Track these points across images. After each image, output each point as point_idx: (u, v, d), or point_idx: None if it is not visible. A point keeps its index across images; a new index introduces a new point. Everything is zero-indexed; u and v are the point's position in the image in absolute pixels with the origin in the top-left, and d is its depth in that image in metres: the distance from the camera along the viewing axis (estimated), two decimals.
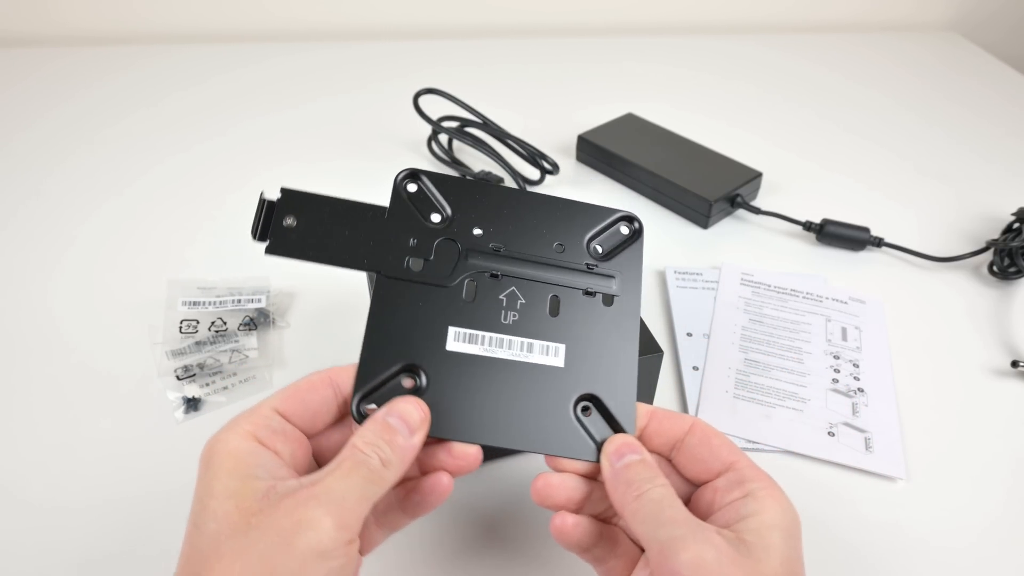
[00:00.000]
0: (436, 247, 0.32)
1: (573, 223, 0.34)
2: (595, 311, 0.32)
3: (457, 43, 0.99)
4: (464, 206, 0.33)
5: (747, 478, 0.29)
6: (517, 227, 0.33)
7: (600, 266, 0.33)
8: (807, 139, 0.78)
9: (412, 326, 0.30)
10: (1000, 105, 0.87)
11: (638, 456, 0.30)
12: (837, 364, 0.49)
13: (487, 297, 0.31)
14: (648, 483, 0.29)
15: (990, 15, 1.12)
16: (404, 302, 0.31)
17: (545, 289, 0.32)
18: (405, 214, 0.32)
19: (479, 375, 0.30)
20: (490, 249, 0.32)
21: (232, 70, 0.90)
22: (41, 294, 0.54)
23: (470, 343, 0.30)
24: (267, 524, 0.25)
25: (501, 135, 0.66)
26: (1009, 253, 0.57)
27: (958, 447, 0.45)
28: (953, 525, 0.40)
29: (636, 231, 0.35)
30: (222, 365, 0.47)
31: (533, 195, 0.34)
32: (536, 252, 0.32)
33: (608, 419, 0.31)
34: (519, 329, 0.31)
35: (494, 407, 0.29)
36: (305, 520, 0.25)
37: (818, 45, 1.02)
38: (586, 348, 0.31)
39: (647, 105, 0.79)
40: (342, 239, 0.31)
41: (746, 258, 0.59)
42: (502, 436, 0.29)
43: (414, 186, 0.33)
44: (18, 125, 0.77)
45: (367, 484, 0.26)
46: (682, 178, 0.64)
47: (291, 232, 0.31)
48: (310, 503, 0.25)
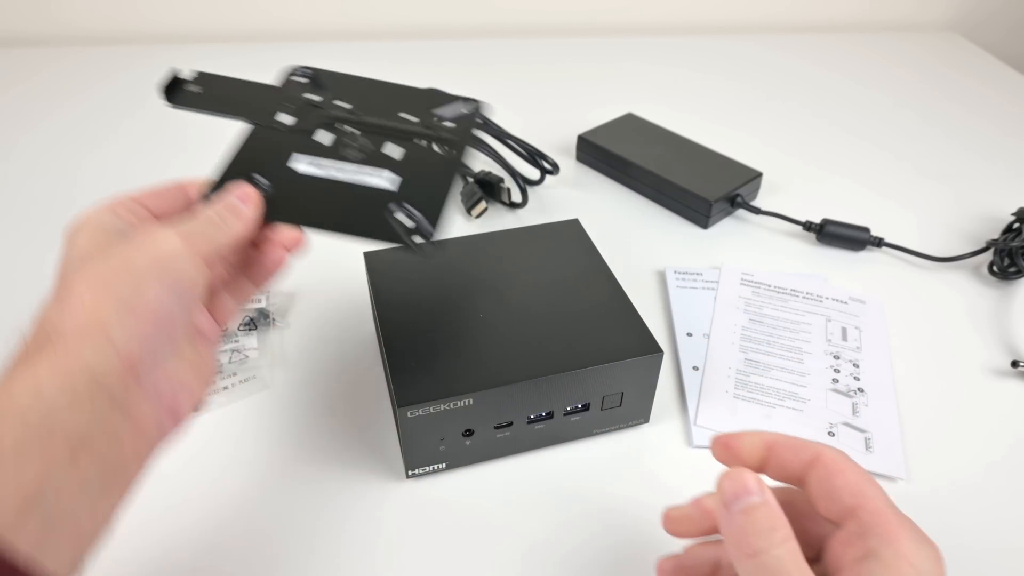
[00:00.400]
0: (303, 108, 0.40)
1: (423, 100, 0.43)
2: (429, 157, 0.39)
3: (457, 43, 0.99)
4: (338, 89, 0.42)
5: (869, 530, 0.25)
6: (377, 102, 0.42)
7: (437, 128, 0.40)
8: (807, 139, 0.78)
9: (267, 155, 0.38)
10: (1000, 105, 0.87)
11: (758, 498, 0.25)
12: (837, 364, 0.49)
13: (340, 143, 0.39)
14: (766, 540, 0.24)
15: (990, 15, 1.12)
16: (269, 144, 0.38)
17: (390, 138, 0.39)
18: (289, 92, 0.42)
19: (315, 186, 0.36)
20: (348, 111, 0.41)
21: (232, 70, 0.89)
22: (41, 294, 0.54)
23: (311, 166, 0.37)
24: (123, 244, 0.29)
25: (501, 135, 0.66)
26: (1009, 253, 0.57)
27: (958, 447, 0.45)
28: (953, 525, 0.40)
29: (475, 107, 0.42)
30: (222, 365, 0.47)
31: (394, 84, 0.44)
32: (387, 116, 0.41)
33: (412, 217, 0.36)
34: (360, 162, 0.38)
35: (322, 206, 0.36)
36: (156, 235, 0.29)
37: (818, 45, 1.02)
38: (413, 178, 0.37)
39: (647, 105, 0.79)
40: (232, 102, 0.42)
41: (746, 258, 0.59)
42: (321, 222, 0.35)
43: (303, 78, 0.43)
44: (18, 125, 0.77)
45: (210, 226, 0.31)
46: (682, 178, 0.64)
47: (194, 95, 0.42)
48: (159, 228, 0.30)
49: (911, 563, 0.24)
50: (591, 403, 0.42)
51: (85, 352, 0.26)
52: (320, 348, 0.50)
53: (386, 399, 0.46)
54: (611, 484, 0.42)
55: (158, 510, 0.39)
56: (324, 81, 0.44)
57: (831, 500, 0.26)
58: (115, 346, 0.26)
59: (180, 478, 0.41)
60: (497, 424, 0.40)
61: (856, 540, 0.25)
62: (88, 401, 0.25)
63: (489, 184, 0.63)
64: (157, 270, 0.28)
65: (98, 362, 0.26)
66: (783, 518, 0.25)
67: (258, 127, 0.40)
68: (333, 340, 0.50)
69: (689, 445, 0.44)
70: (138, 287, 0.27)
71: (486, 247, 0.48)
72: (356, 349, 0.50)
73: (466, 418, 0.39)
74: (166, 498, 0.40)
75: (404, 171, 0.38)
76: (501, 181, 0.64)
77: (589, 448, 0.44)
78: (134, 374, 0.27)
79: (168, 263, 0.28)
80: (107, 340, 0.26)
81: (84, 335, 0.26)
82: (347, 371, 0.48)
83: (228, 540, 0.38)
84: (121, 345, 0.27)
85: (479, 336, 0.41)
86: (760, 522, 0.25)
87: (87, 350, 0.26)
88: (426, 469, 0.41)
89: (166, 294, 0.28)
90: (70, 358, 0.26)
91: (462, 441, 0.40)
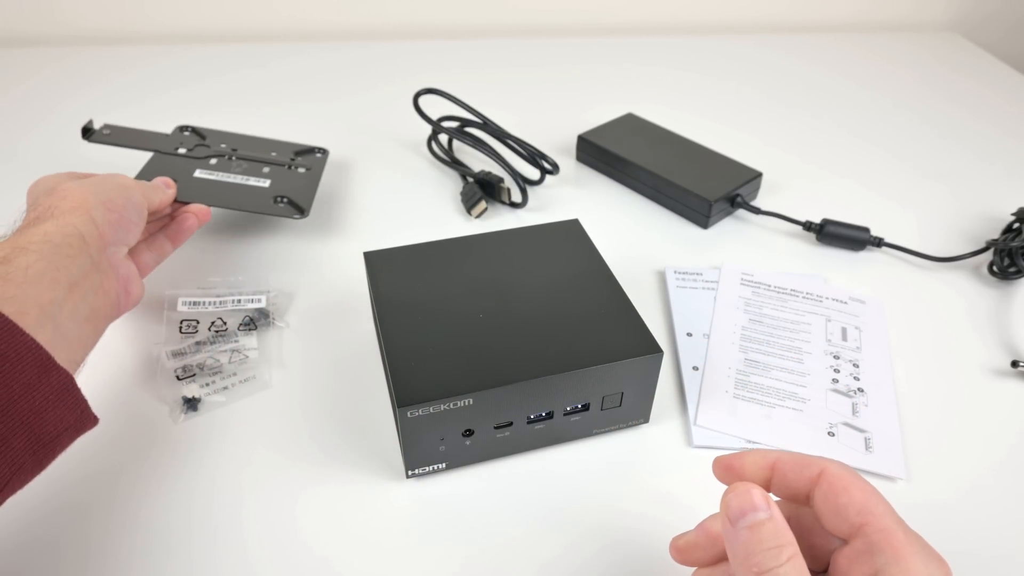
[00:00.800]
0: (193, 146, 0.63)
1: (287, 147, 0.66)
2: (295, 176, 0.62)
3: (457, 43, 0.99)
4: (218, 138, 0.65)
5: (877, 548, 0.24)
6: (250, 146, 0.65)
7: (297, 161, 0.64)
8: (807, 139, 0.78)
9: (172, 169, 0.58)
10: (999, 105, 0.87)
11: (764, 514, 0.25)
12: (837, 364, 0.49)
13: (226, 165, 0.61)
14: (773, 559, 0.24)
15: (989, 15, 1.12)
16: (172, 165, 0.59)
17: (263, 167, 0.62)
18: (180, 137, 0.64)
19: (213, 184, 0.58)
20: (229, 150, 0.63)
21: (232, 70, 0.90)
22: None
23: (208, 174, 0.59)
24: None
25: (501, 135, 0.66)
26: (1009, 253, 0.57)
27: (958, 447, 0.45)
28: (953, 525, 0.40)
29: (323, 151, 0.67)
30: (222, 365, 0.47)
31: (262, 139, 0.66)
32: (260, 154, 0.64)
33: (294, 206, 0.58)
34: (243, 173, 0.60)
35: (220, 194, 0.57)
36: (117, 174, 0.46)
37: (817, 45, 1.02)
38: (283, 183, 0.60)
39: (647, 105, 0.79)
40: (138, 138, 0.62)
41: (746, 258, 0.59)
42: (221, 203, 0.56)
43: (187, 131, 0.65)
44: (18, 125, 0.77)
45: (149, 187, 0.48)
46: (682, 178, 0.64)
47: (107, 135, 0.61)
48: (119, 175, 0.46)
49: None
50: (591, 403, 0.42)
51: (76, 221, 0.38)
52: (320, 348, 0.50)
53: (386, 399, 0.46)
54: (611, 484, 0.42)
55: (157, 508, 0.39)
56: (204, 133, 0.65)
57: (838, 517, 0.26)
58: (96, 223, 0.39)
59: (180, 477, 0.41)
60: (497, 424, 0.40)
61: (863, 558, 0.25)
62: (80, 254, 0.37)
63: (489, 184, 0.63)
64: (121, 188, 0.43)
65: (85, 231, 0.38)
66: (790, 534, 0.25)
67: (159, 154, 0.61)
68: (333, 340, 0.50)
69: (689, 445, 0.44)
70: (109, 193, 0.42)
71: (486, 247, 0.48)
72: (356, 349, 0.49)
73: (466, 418, 0.39)
74: (166, 497, 0.40)
75: (276, 180, 0.60)
76: (501, 181, 0.64)
77: (589, 448, 0.44)
78: (105, 245, 0.39)
79: (128, 188, 0.44)
80: (90, 218, 0.39)
81: (74, 212, 0.39)
82: (347, 371, 0.48)
83: (228, 540, 0.38)
84: (100, 223, 0.39)
85: (479, 336, 0.41)
86: (767, 540, 0.24)
87: (77, 220, 0.38)
88: (426, 469, 0.41)
89: (127, 204, 0.43)
90: (66, 223, 0.38)
91: (462, 441, 0.40)
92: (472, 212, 0.63)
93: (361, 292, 0.52)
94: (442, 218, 0.63)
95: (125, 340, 0.50)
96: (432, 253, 0.47)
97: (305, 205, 0.58)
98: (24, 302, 0.32)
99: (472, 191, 0.63)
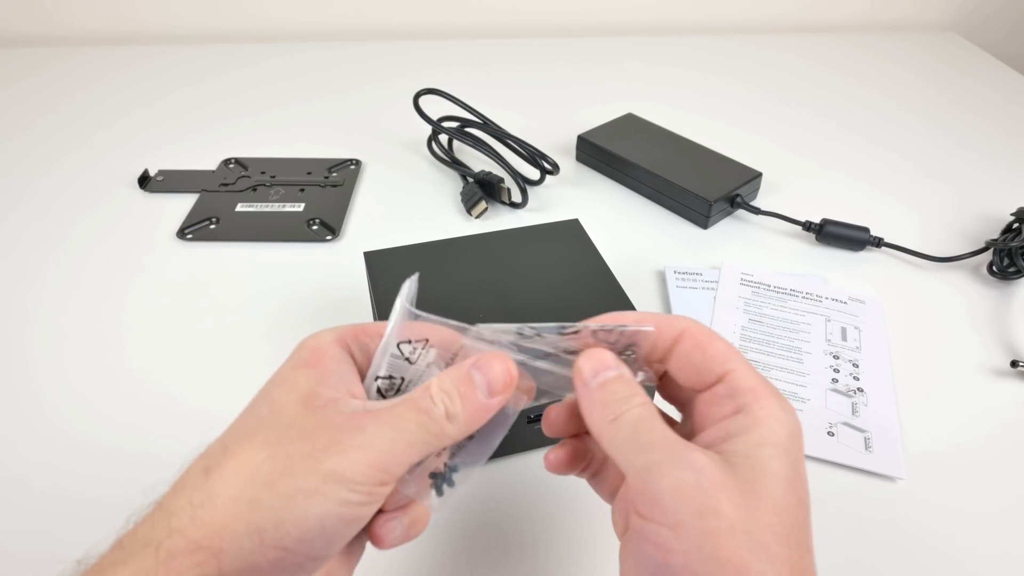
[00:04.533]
0: (239, 180, 0.67)
1: (321, 164, 0.70)
2: (326, 194, 0.65)
3: (457, 43, 0.99)
4: (259, 164, 0.70)
5: (739, 390, 0.26)
6: (290, 168, 0.69)
7: (331, 177, 0.68)
8: (807, 139, 0.78)
9: (218, 208, 0.63)
10: (1000, 105, 0.87)
11: (614, 372, 0.27)
12: (837, 364, 0.49)
13: (265, 197, 0.65)
14: (624, 404, 0.25)
15: (990, 15, 1.12)
16: (217, 204, 0.64)
17: (298, 190, 0.66)
18: (226, 172, 0.69)
19: (253, 216, 0.62)
20: (269, 178, 0.68)
21: (232, 70, 0.90)
22: (39, 294, 0.54)
23: (248, 206, 0.64)
24: (308, 429, 0.24)
25: (501, 135, 0.66)
26: (1009, 253, 0.57)
27: (958, 447, 0.45)
28: (952, 525, 0.40)
29: (356, 162, 0.71)
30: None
31: (298, 160, 0.71)
32: (296, 176, 0.68)
33: (327, 227, 0.61)
34: (280, 200, 0.65)
35: (260, 227, 0.61)
36: (344, 442, 0.24)
37: (818, 45, 1.02)
38: (317, 205, 0.64)
39: (647, 105, 0.79)
40: (188, 180, 0.67)
41: (746, 258, 0.59)
42: (262, 236, 0.60)
43: (230, 164, 0.70)
44: (18, 124, 0.77)
45: (421, 430, 0.25)
46: (682, 178, 0.64)
47: (161, 182, 0.67)
48: (357, 429, 0.24)
49: (778, 419, 0.25)
50: None
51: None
52: None
53: None
54: None
55: None
56: (247, 163, 0.70)
57: (699, 371, 0.27)
58: (222, 575, 0.22)
59: None
60: None
61: (724, 400, 0.26)
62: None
63: (489, 184, 0.63)
64: (320, 498, 0.23)
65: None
66: (640, 388, 0.26)
67: (205, 192, 0.65)
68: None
69: None
70: (284, 513, 0.23)
71: (486, 247, 0.48)
72: None
73: None
74: None
75: (311, 201, 0.64)
76: (501, 181, 0.64)
77: None
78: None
79: (340, 491, 0.23)
80: (216, 567, 0.22)
81: (193, 554, 0.22)
82: None
83: None
84: (230, 574, 0.23)
85: None
86: (619, 391, 0.26)
87: (188, 573, 0.22)
88: None
89: (315, 531, 0.23)
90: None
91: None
92: (472, 212, 0.63)
93: (361, 292, 0.52)
94: (442, 218, 0.63)
95: (123, 339, 0.50)
96: (432, 253, 0.48)
97: (336, 225, 0.61)
98: None
99: (472, 191, 0.63)
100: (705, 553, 0.22)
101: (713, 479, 0.23)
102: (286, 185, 0.66)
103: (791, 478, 0.24)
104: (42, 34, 0.98)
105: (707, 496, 0.23)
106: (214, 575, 0.22)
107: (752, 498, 0.23)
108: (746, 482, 0.23)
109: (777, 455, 0.24)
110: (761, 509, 0.23)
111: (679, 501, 0.23)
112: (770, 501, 0.23)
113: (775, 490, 0.23)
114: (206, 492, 0.23)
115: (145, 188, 0.65)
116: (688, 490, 0.23)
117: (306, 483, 0.23)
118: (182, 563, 0.22)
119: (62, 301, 0.53)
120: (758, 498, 0.23)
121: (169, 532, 0.23)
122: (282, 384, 0.26)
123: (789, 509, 0.23)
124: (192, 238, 0.60)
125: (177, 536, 0.22)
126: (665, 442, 0.24)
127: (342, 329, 0.28)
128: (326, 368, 0.26)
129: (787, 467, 0.24)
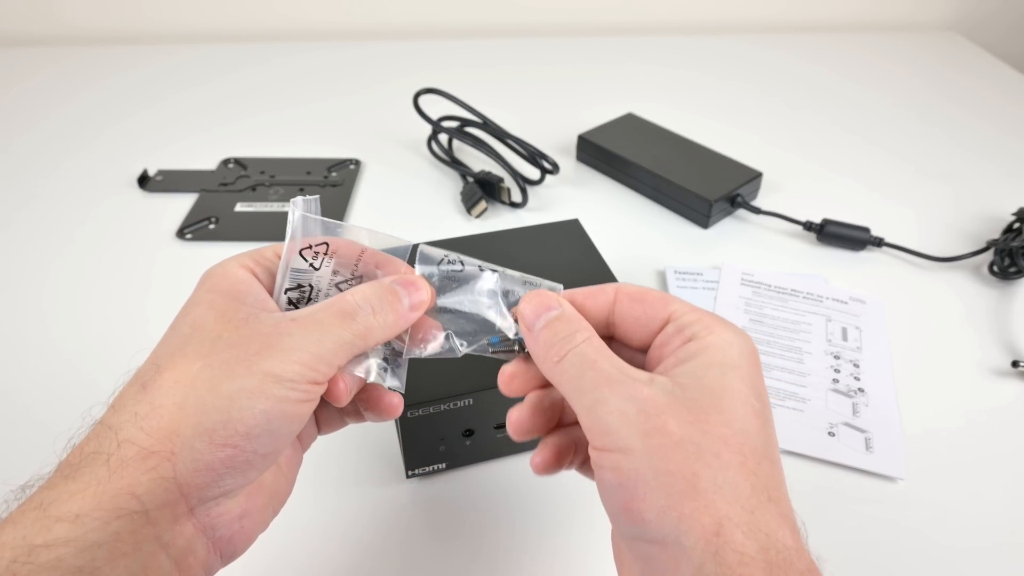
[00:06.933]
0: (236, 178, 0.68)
1: (321, 163, 0.70)
2: (325, 193, 0.66)
3: (457, 43, 0.99)
4: (259, 164, 0.70)
5: (686, 324, 0.26)
6: (290, 168, 0.70)
7: (331, 177, 0.68)
8: (807, 139, 0.78)
9: (217, 208, 0.63)
10: (999, 105, 0.87)
11: (556, 311, 0.27)
12: (837, 364, 0.49)
13: (265, 196, 0.65)
14: (567, 343, 0.26)
15: (989, 15, 1.12)
16: (216, 204, 0.64)
17: (297, 190, 0.66)
18: (224, 171, 0.69)
19: (251, 216, 0.62)
20: (269, 177, 0.68)
21: (232, 70, 0.90)
22: (38, 293, 0.54)
23: (247, 206, 0.63)
24: (237, 339, 0.25)
25: (501, 135, 0.66)
26: (1009, 253, 0.57)
27: (958, 447, 0.45)
28: (953, 525, 0.40)
29: (355, 162, 0.71)
30: None
31: (298, 160, 0.71)
32: (295, 176, 0.68)
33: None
34: (278, 199, 0.65)
35: (259, 226, 0.61)
36: (275, 346, 0.25)
37: (817, 45, 1.02)
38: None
39: (647, 105, 0.79)
40: (188, 180, 0.67)
41: (746, 258, 0.59)
42: (261, 235, 0.59)
43: (230, 164, 0.70)
44: (18, 124, 0.77)
45: (346, 331, 0.27)
46: (682, 178, 0.64)
47: (160, 182, 0.67)
48: (284, 334, 0.26)
49: (728, 341, 0.26)
50: None
51: (138, 482, 0.23)
52: None
53: None
54: None
55: None
56: (246, 163, 0.70)
57: (644, 323, 0.28)
58: (177, 476, 0.23)
59: None
60: (497, 424, 0.40)
61: (675, 337, 0.26)
62: (130, 549, 0.22)
63: (489, 184, 0.63)
64: (262, 396, 0.24)
65: (150, 499, 0.23)
66: (583, 321, 0.27)
67: (204, 192, 0.65)
68: None
69: None
70: (230, 412, 0.24)
71: (486, 247, 0.48)
72: None
73: (466, 418, 0.39)
74: None
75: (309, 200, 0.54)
76: (501, 181, 0.64)
77: None
78: (191, 508, 0.24)
79: (278, 389, 0.25)
80: (170, 470, 0.23)
81: (145, 459, 0.23)
82: None
83: None
84: (185, 474, 0.23)
85: None
86: (562, 330, 0.26)
87: (143, 477, 0.23)
88: (426, 469, 0.41)
89: (261, 421, 0.24)
90: (120, 489, 0.23)
91: (462, 441, 0.40)
92: (472, 212, 0.63)
93: None
94: (442, 218, 0.63)
95: (123, 339, 0.49)
96: None
97: (334, 223, 0.60)
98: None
99: (472, 191, 0.63)
100: (655, 467, 0.23)
101: (658, 405, 0.24)
102: (285, 185, 0.66)
103: (744, 392, 0.24)
104: (42, 34, 0.98)
105: (653, 420, 0.23)
106: (169, 476, 0.23)
107: (701, 414, 0.23)
108: (694, 400, 0.24)
109: (727, 372, 0.25)
110: (711, 423, 0.23)
111: (625, 427, 0.23)
112: (721, 415, 0.24)
113: (727, 405, 0.24)
114: (149, 404, 0.24)
115: (145, 188, 0.66)
116: (634, 418, 0.23)
117: (246, 383, 0.24)
118: (136, 468, 0.23)
119: (61, 301, 0.53)
120: (707, 413, 0.23)
121: (119, 443, 0.23)
122: (198, 306, 0.27)
123: (743, 419, 0.24)
124: (191, 238, 0.60)
125: (127, 446, 0.23)
126: (610, 379, 0.25)
127: (241, 255, 0.29)
128: (238, 289, 0.27)
129: (740, 382, 0.25)
